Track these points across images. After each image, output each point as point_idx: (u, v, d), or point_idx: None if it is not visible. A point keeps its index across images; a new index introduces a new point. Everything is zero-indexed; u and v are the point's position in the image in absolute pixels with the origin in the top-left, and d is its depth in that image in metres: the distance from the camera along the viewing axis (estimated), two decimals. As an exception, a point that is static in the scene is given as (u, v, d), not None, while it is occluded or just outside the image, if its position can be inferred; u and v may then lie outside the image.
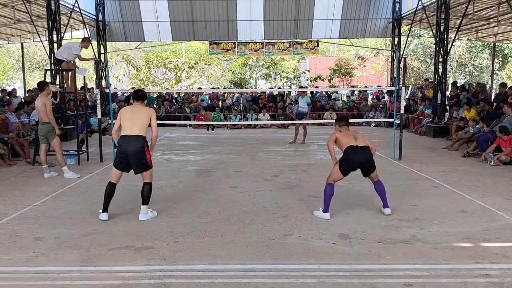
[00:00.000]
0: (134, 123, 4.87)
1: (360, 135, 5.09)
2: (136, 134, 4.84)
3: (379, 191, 5.06)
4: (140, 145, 4.82)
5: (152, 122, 5.02)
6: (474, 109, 11.72)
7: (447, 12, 12.98)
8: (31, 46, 28.53)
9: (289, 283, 3.39)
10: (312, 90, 20.02)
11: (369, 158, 4.93)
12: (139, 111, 4.98)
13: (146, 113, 4.98)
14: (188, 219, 4.96)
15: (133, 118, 4.91)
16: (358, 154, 4.88)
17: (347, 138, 4.99)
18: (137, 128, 4.86)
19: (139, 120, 4.90)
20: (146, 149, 4.88)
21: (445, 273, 3.53)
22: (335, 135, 5.08)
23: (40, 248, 4.09)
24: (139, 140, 4.84)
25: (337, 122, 5.25)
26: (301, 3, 18.04)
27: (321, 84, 29.00)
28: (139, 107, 5.05)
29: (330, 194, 4.91)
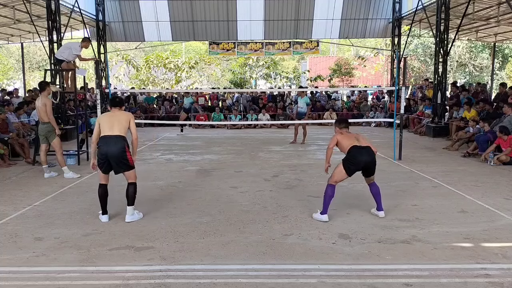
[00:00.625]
0: (114, 125, 4.84)
1: (361, 137, 5.09)
2: (116, 134, 4.80)
3: (375, 193, 5.03)
4: (121, 145, 4.76)
5: (131, 125, 4.96)
6: (474, 109, 11.72)
7: (447, 12, 12.98)
8: (31, 46, 28.52)
9: (289, 283, 3.39)
10: (312, 90, 20.02)
11: (373, 158, 4.95)
12: (118, 115, 4.95)
13: (125, 117, 4.95)
14: (188, 219, 4.96)
15: (112, 121, 4.87)
16: (362, 154, 4.88)
17: (349, 140, 4.96)
18: (117, 129, 4.82)
19: (118, 122, 4.86)
20: (127, 150, 4.82)
21: (445, 273, 3.53)
22: (336, 137, 5.03)
23: (40, 248, 4.09)
24: (120, 140, 4.79)
25: (337, 124, 5.20)
26: (301, 3, 18.04)
27: (321, 84, 28.99)
28: (118, 112, 5.01)
29: (331, 195, 4.87)
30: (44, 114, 7.28)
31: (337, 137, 5.03)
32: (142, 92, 20.55)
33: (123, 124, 4.89)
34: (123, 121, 4.90)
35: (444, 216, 5.04)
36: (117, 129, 4.82)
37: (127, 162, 4.84)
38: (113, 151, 4.73)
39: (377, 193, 5.02)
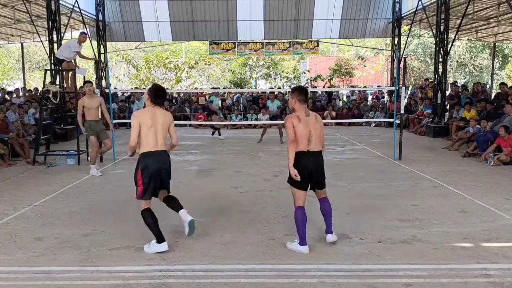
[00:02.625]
0: (158, 133, 4.04)
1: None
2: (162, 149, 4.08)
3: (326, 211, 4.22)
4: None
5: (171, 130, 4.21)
6: (474, 109, 11.72)
7: (447, 12, 12.98)
8: (31, 46, 28.54)
9: (289, 283, 3.38)
10: (310, 89, 20.02)
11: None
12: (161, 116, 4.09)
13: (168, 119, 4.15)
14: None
15: (156, 127, 4.02)
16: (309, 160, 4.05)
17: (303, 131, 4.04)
18: (161, 141, 4.08)
19: (162, 129, 4.07)
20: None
21: (445, 273, 3.53)
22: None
23: (40, 248, 4.09)
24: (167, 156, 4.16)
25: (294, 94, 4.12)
26: (301, 3, 18.03)
27: (321, 84, 28.99)
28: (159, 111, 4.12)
29: (302, 219, 3.99)
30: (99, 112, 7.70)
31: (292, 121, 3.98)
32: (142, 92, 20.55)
33: (166, 132, 4.13)
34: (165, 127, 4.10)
35: (444, 216, 5.04)
36: (162, 141, 4.07)
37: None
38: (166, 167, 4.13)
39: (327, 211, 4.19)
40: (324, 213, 4.17)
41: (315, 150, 3.99)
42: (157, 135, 4.00)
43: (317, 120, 4.05)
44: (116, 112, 16.09)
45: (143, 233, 4.50)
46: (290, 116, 4.01)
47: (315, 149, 3.99)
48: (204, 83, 32.94)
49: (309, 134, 3.94)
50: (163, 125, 4.04)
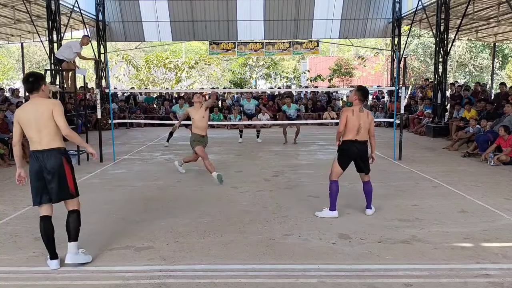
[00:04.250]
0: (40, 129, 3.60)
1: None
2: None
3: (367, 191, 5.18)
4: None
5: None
6: (474, 109, 11.72)
7: (447, 12, 12.98)
8: (31, 46, 28.53)
9: (289, 283, 3.38)
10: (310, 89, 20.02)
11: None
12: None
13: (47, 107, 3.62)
14: (188, 219, 4.96)
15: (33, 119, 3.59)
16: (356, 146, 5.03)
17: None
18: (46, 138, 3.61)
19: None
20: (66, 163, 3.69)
21: (445, 273, 3.53)
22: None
23: (40, 248, 4.08)
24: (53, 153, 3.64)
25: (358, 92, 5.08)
26: (301, 3, 18.04)
27: (321, 84, 29.00)
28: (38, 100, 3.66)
29: (336, 191, 4.99)
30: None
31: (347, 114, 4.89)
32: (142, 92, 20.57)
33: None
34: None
35: (444, 216, 5.04)
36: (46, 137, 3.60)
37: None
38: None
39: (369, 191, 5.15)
40: (366, 192, 5.11)
41: (362, 140, 4.91)
42: (39, 131, 3.58)
43: (368, 116, 4.92)
44: (116, 112, 16.10)
45: (143, 233, 4.51)
46: (346, 109, 4.91)
47: (362, 139, 4.90)
48: (204, 83, 32.94)
49: (359, 126, 4.83)
50: (43, 118, 3.57)
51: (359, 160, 4.96)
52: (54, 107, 3.61)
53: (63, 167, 3.65)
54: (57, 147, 3.64)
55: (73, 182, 3.76)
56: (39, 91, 3.67)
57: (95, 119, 12.86)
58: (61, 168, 3.64)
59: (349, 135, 4.86)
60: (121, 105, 17.33)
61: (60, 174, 3.63)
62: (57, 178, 3.63)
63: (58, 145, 3.65)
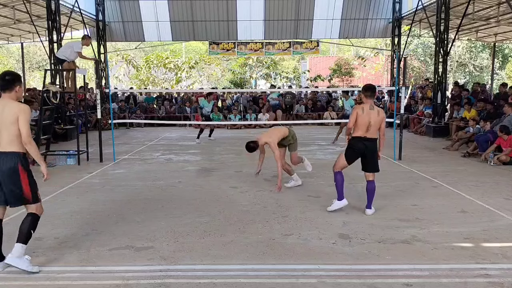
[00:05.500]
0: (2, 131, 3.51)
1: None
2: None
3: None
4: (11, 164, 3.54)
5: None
6: (474, 108, 11.72)
7: (447, 12, 12.98)
8: (31, 46, 28.51)
9: (289, 283, 3.38)
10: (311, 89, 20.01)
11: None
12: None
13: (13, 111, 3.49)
14: (188, 219, 4.96)
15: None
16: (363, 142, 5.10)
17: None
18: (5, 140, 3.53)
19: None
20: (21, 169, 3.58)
21: (445, 273, 3.53)
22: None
23: (40, 248, 4.09)
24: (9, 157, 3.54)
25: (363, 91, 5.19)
26: (301, 3, 18.03)
27: (321, 84, 29.00)
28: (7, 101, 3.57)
29: (341, 180, 5.14)
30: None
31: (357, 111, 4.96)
32: (142, 92, 20.58)
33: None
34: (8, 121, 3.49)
35: (444, 216, 5.04)
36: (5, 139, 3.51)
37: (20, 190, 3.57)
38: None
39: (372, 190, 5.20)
40: (368, 191, 5.13)
41: (371, 137, 4.97)
42: (0, 132, 3.50)
43: (378, 114, 4.95)
44: (116, 112, 16.10)
45: (143, 233, 4.51)
46: (357, 106, 5.00)
47: (371, 136, 4.96)
48: (204, 83, 32.95)
49: (368, 124, 4.89)
50: (5, 121, 3.47)
51: (366, 157, 5.04)
52: (20, 112, 3.48)
53: (18, 172, 3.52)
54: (15, 151, 3.51)
55: (29, 187, 3.61)
56: (11, 92, 3.57)
57: (95, 119, 12.86)
58: (15, 173, 3.51)
59: (359, 132, 4.95)
60: (121, 105, 17.34)
61: (13, 179, 3.51)
62: (10, 182, 3.51)
63: (16, 149, 3.51)
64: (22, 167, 3.55)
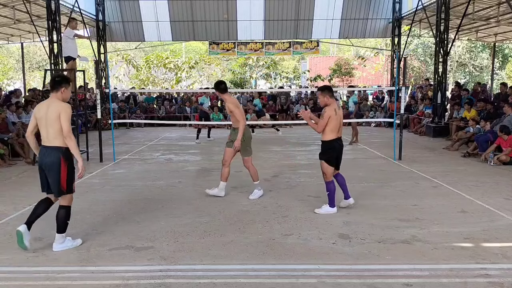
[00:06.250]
0: (47, 127, 3.92)
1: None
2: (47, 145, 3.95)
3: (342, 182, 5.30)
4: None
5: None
6: (474, 108, 11.72)
7: (447, 12, 12.98)
8: (31, 46, 28.50)
9: (289, 283, 3.38)
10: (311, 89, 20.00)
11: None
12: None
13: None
14: (188, 219, 4.96)
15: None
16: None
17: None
18: (51, 135, 3.93)
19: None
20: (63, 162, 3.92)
21: (445, 273, 3.53)
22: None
23: (40, 248, 4.09)
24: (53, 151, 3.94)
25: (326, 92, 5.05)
26: (301, 3, 18.04)
27: (321, 84, 28.97)
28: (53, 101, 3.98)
29: (334, 189, 5.12)
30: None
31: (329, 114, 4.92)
32: (142, 92, 20.57)
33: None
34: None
35: (444, 216, 5.04)
36: (51, 135, 3.91)
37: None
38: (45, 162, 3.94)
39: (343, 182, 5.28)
40: (341, 184, 5.22)
41: (341, 136, 5.09)
42: (46, 128, 3.92)
43: (342, 112, 5.10)
44: (116, 112, 16.10)
45: (143, 233, 4.51)
46: (329, 109, 4.94)
47: (341, 135, 5.09)
48: (204, 83, 32.95)
49: (340, 124, 4.97)
50: (48, 119, 3.88)
51: (339, 156, 5.12)
52: (61, 110, 3.87)
53: (59, 165, 3.88)
54: (58, 146, 3.89)
55: (66, 179, 3.94)
56: (57, 92, 3.97)
57: (95, 119, 12.86)
58: (57, 165, 3.88)
59: (333, 134, 4.98)
60: (121, 105, 17.34)
61: (54, 170, 3.89)
62: (52, 173, 3.91)
63: (59, 144, 3.89)
64: (63, 160, 3.91)
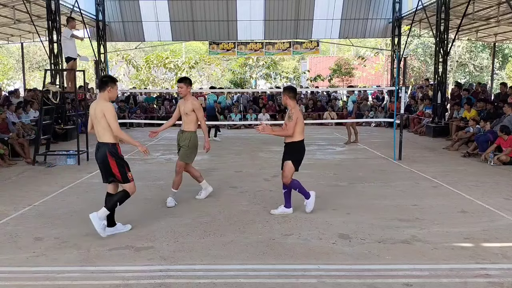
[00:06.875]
0: (97, 125, 4.34)
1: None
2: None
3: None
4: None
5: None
6: (474, 109, 11.72)
7: (447, 12, 12.98)
8: (31, 46, 28.51)
9: (289, 283, 3.38)
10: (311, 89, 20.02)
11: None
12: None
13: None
14: (188, 219, 4.96)
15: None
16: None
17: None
18: (100, 132, 4.36)
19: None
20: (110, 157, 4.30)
21: (445, 273, 3.53)
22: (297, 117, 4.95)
23: (40, 248, 4.09)
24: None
25: (289, 92, 5.01)
26: (301, 3, 18.03)
27: (321, 84, 29.00)
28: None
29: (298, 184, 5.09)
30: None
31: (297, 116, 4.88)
32: (142, 92, 20.56)
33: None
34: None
35: (444, 216, 5.04)
36: (100, 132, 4.33)
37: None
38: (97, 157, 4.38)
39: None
40: (288, 191, 5.18)
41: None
42: (96, 126, 4.31)
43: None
44: (116, 112, 16.07)
45: (143, 233, 4.50)
46: (296, 111, 4.89)
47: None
48: (204, 83, 32.94)
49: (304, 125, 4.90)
50: (96, 117, 4.26)
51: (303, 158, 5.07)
52: (105, 110, 4.22)
53: (107, 158, 4.26)
54: (106, 142, 4.27)
55: (118, 170, 4.31)
56: (104, 92, 4.30)
57: (95, 119, 12.83)
58: (105, 159, 4.26)
59: (302, 135, 4.93)
60: (121, 105, 17.33)
61: (105, 163, 4.29)
62: (104, 165, 4.31)
63: (106, 140, 4.27)
64: (109, 154, 4.26)
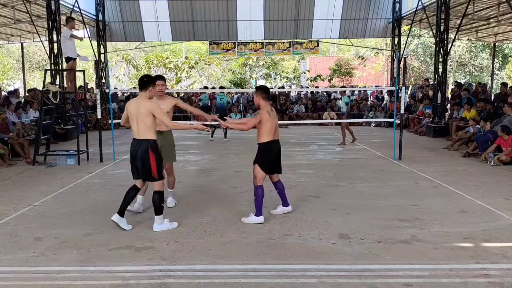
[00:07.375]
0: (138, 122, 4.48)
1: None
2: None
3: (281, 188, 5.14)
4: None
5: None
6: (474, 109, 11.72)
7: (447, 12, 12.97)
8: (31, 46, 28.49)
9: (289, 283, 3.38)
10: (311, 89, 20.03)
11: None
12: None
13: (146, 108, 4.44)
14: (188, 219, 4.96)
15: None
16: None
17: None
18: (140, 130, 4.50)
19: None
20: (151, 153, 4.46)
21: (445, 273, 3.53)
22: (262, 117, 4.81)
23: (40, 248, 4.09)
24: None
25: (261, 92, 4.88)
26: (301, 3, 18.03)
27: (321, 84, 28.99)
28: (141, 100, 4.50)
29: (262, 195, 4.83)
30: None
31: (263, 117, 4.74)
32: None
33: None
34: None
35: (444, 216, 5.04)
36: (140, 129, 4.46)
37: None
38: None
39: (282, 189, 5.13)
40: (281, 191, 5.09)
41: (277, 139, 4.91)
42: (137, 124, 4.45)
43: (276, 115, 4.95)
44: (116, 112, 16.08)
45: (143, 233, 4.50)
46: (263, 110, 4.81)
47: (277, 138, 4.91)
48: (204, 83, 32.94)
49: (275, 126, 4.84)
50: (140, 115, 4.41)
51: (278, 159, 4.94)
52: (152, 109, 4.38)
53: (148, 155, 4.40)
54: (147, 138, 4.42)
55: (156, 167, 4.45)
56: (146, 91, 4.46)
57: (95, 119, 12.85)
58: (146, 155, 4.40)
59: (269, 136, 4.79)
60: (121, 105, 17.33)
61: (145, 160, 4.41)
62: (143, 162, 4.42)
63: (148, 137, 4.42)
64: (151, 151, 4.42)
